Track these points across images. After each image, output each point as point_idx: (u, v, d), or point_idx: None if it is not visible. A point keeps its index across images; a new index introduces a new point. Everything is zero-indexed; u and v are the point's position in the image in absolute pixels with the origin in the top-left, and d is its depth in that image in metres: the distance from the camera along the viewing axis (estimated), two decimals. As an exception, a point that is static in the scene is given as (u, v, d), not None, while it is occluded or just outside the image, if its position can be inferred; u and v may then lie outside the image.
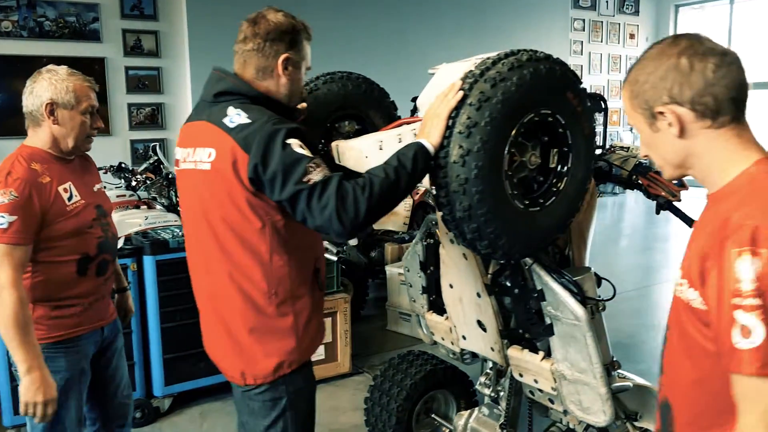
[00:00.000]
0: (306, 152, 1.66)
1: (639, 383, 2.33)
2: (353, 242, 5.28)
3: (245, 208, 1.74)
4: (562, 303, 2.04)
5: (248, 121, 1.70)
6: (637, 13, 12.97)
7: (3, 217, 1.98)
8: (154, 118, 7.62)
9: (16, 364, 1.99)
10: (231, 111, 1.73)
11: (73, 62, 6.75)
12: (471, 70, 1.70)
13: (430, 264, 2.66)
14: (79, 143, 2.20)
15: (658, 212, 2.37)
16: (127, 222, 3.83)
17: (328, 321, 3.96)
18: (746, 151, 1.19)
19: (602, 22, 12.42)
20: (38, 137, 2.17)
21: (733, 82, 1.16)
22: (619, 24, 12.69)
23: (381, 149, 2.16)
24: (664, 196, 2.29)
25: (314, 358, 3.96)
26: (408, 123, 2.19)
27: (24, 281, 2.04)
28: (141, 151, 7.44)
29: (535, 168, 1.80)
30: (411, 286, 2.87)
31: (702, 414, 1.21)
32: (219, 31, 7.32)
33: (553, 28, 10.57)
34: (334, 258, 3.94)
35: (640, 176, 2.36)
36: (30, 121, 2.17)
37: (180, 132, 1.97)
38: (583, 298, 2.05)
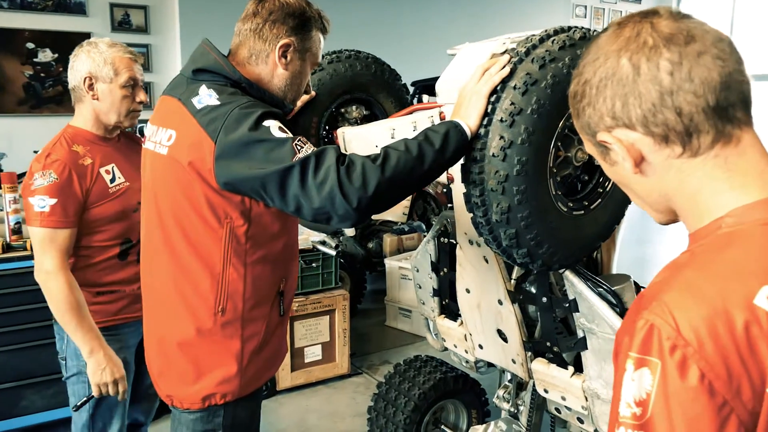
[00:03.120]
0: (288, 134, 1.40)
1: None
2: (350, 233, 5.03)
3: (202, 206, 1.47)
4: (598, 315, 1.81)
5: (217, 103, 1.45)
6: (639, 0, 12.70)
7: (43, 200, 1.92)
8: (141, 97, 7.30)
9: (79, 348, 1.98)
10: (203, 91, 1.48)
11: (57, 37, 6.57)
12: (514, 48, 1.44)
13: (444, 265, 2.42)
14: (122, 118, 2.10)
15: None
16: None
17: (325, 319, 3.71)
18: (732, 190, 0.77)
19: (604, 9, 12.15)
20: (82, 115, 2.11)
21: (707, 83, 0.75)
22: (621, 12, 12.41)
23: (393, 138, 1.95)
24: None
25: (309, 359, 3.80)
26: (424, 109, 1.97)
27: None
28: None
29: (581, 165, 1.56)
30: (420, 287, 2.63)
31: None
32: (211, 7, 7.03)
33: (553, 14, 10.31)
34: (333, 252, 3.69)
35: None
36: (74, 98, 2.12)
37: (155, 106, 1.71)
38: (622, 310, 1.82)
